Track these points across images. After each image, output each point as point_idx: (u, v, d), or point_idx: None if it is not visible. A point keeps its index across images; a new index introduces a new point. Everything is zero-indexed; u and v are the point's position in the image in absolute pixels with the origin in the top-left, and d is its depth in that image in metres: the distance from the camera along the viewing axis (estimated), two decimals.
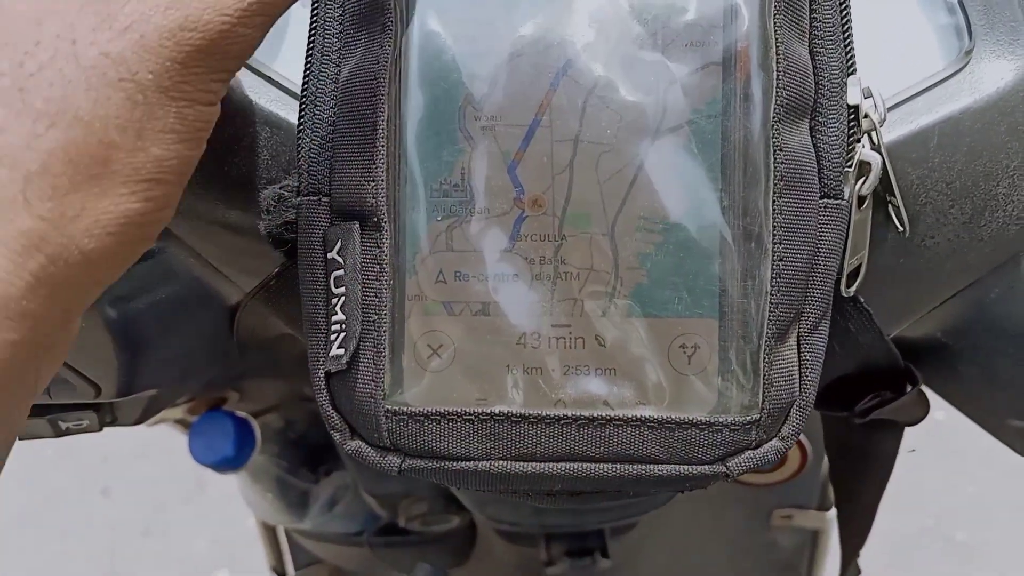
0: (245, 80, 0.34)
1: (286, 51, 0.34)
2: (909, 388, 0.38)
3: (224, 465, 0.61)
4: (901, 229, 0.32)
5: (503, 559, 0.65)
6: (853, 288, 0.32)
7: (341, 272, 0.30)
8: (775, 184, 0.29)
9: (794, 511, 0.71)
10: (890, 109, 0.32)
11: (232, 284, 0.37)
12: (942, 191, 0.32)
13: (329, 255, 0.30)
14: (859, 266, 0.32)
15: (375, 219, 0.29)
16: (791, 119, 0.29)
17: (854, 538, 0.51)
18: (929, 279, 0.34)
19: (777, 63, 0.29)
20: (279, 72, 0.34)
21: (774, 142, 0.29)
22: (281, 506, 0.69)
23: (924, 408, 0.40)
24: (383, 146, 0.29)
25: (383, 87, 0.29)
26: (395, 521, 0.67)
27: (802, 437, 0.62)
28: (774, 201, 0.29)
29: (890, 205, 0.32)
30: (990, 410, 0.40)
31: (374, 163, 0.29)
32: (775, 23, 0.29)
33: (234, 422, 0.62)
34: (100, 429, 0.41)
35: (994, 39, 0.32)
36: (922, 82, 0.32)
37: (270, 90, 0.34)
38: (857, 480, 0.46)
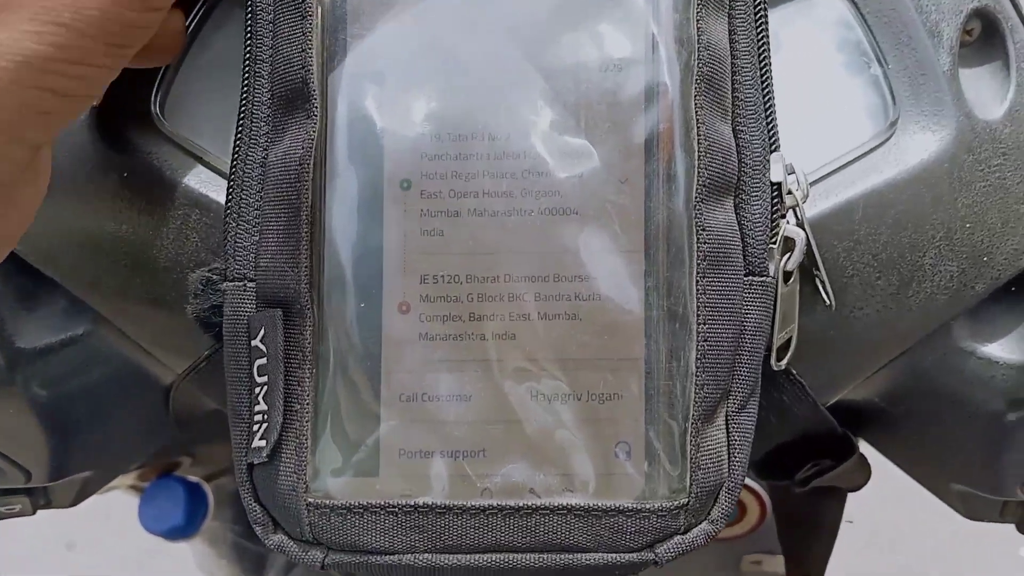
0: (175, 160, 0.33)
1: (219, 129, 0.34)
2: (847, 456, 0.38)
3: (175, 534, 0.60)
4: (828, 303, 0.31)
5: None
6: (784, 362, 0.32)
7: (264, 361, 0.29)
8: (699, 264, 0.29)
9: (763, 556, 0.71)
10: (814, 183, 0.32)
11: (163, 366, 0.37)
12: (868, 263, 0.32)
13: (253, 343, 0.30)
14: (789, 339, 0.32)
15: (298, 306, 0.29)
16: (714, 198, 0.29)
17: None
18: (860, 349, 0.34)
19: (699, 143, 0.29)
20: (210, 151, 0.34)
21: (697, 222, 0.29)
22: (236, 571, 0.68)
23: (865, 474, 0.40)
24: (307, 232, 0.29)
25: (307, 173, 0.29)
26: None
27: (760, 490, 0.62)
28: (698, 281, 0.29)
29: (816, 280, 0.32)
30: (932, 474, 0.40)
31: (298, 249, 0.29)
32: (696, 103, 0.29)
33: (185, 489, 0.61)
34: (33, 513, 0.40)
35: (918, 110, 0.33)
36: (846, 155, 0.32)
37: (200, 171, 0.33)
38: (803, 546, 0.45)
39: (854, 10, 0.34)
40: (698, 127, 0.29)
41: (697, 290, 0.29)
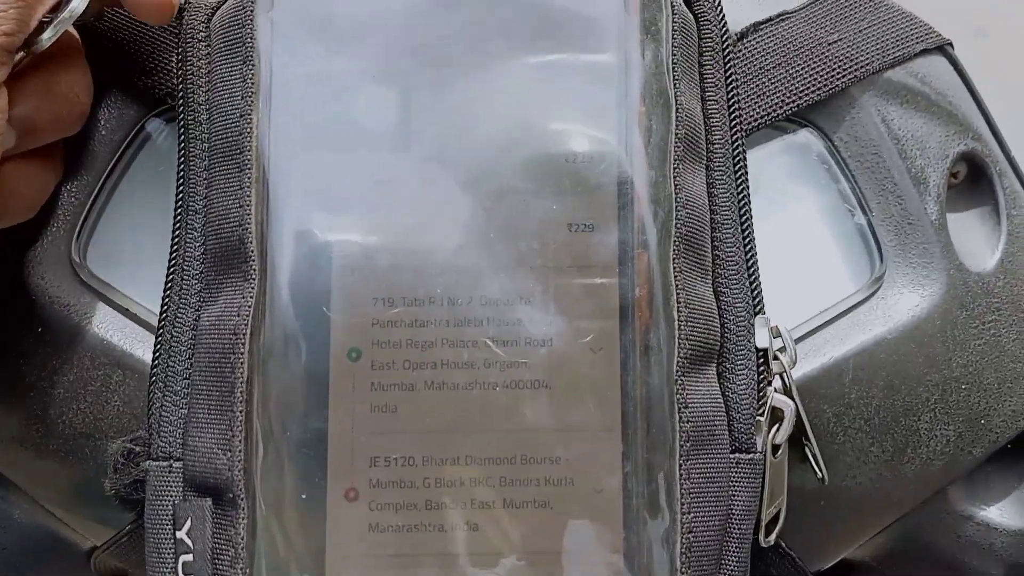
0: (96, 312, 0.30)
1: (148, 278, 0.31)
2: None
3: None
4: (820, 476, 0.29)
5: None
6: (772, 537, 0.29)
7: (190, 557, 0.26)
8: (682, 446, 0.26)
9: None
10: (800, 339, 0.30)
11: (80, 534, 0.33)
12: (861, 428, 0.30)
13: (178, 534, 0.26)
14: (778, 512, 0.29)
15: (231, 495, 0.25)
16: (696, 369, 0.26)
17: None
18: (853, 518, 0.31)
19: (679, 311, 0.26)
20: (137, 302, 0.30)
21: (679, 398, 0.26)
22: None
23: None
24: (241, 411, 0.26)
25: (242, 343, 0.26)
26: None
27: None
28: (681, 464, 0.26)
29: (806, 449, 0.29)
30: None
31: (231, 430, 0.26)
32: (676, 266, 0.26)
33: None
34: None
35: (906, 262, 0.31)
36: (832, 308, 0.30)
37: (125, 325, 0.30)
38: None
39: (834, 153, 0.32)
40: (677, 292, 0.26)
41: (680, 475, 0.26)
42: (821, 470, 0.29)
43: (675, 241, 0.26)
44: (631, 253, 0.26)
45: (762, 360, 0.28)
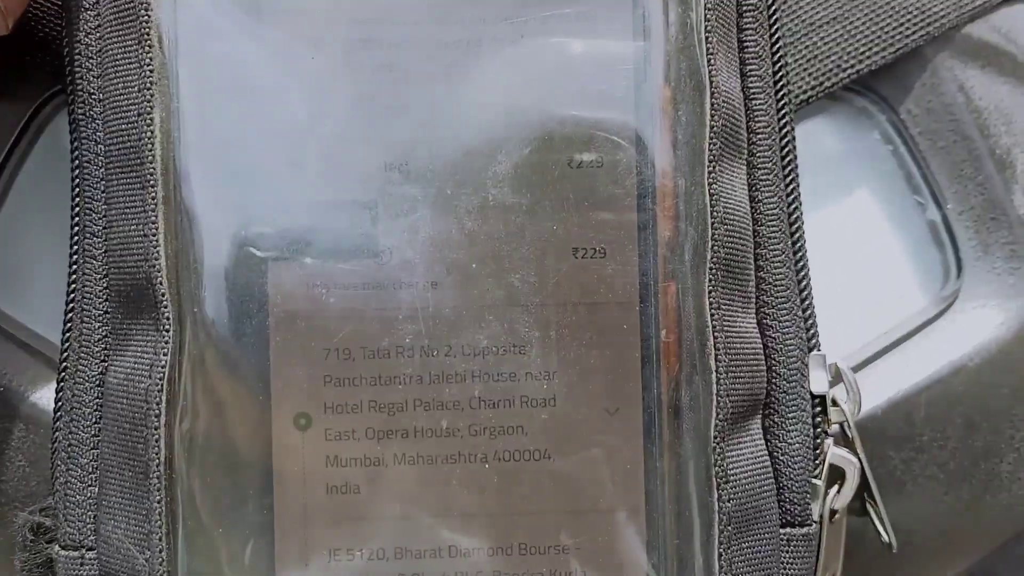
0: None
1: (54, 304, 0.25)
2: None
3: None
4: (887, 541, 0.24)
5: None
6: None
7: None
8: (722, 530, 0.20)
9: None
10: (858, 368, 0.24)
11: None
12: (934, 476, 0.25)
13: None
14: None
15: None
16: (738, 429, 0.21)
17: None
18: (915, 573, 0.26)
19: (717, 359, 0.20)
20: (43, 336, 0.25)
21: (718, 470, 0.20)
22: None
23: None
24: (159, 499, 0.20)
25: (155, 414, 0.20)
26: None
27: None
28: (721, 554, 0.20)
29: (869, 509, 0.24)
30: None
31: (148, 523, 0.20)
32: (711, 301, 0.20)
33: None
34: None
35: (989, 267, 0.25)
36: (898, 327, 0.25)
37: (28, 365, 0.24)
38: None
39: (901, 130, 0.26)
40: (715, 335, 0.20)
41: (720, 566, 0.20)
42: (888, 535, 0.24)
43: (711, 268, 0.21)
44: (655, 286, 0.20)
45: (818, 408, 0.22)
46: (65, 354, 0.22)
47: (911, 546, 0.26)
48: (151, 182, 0.20)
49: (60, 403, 0.22)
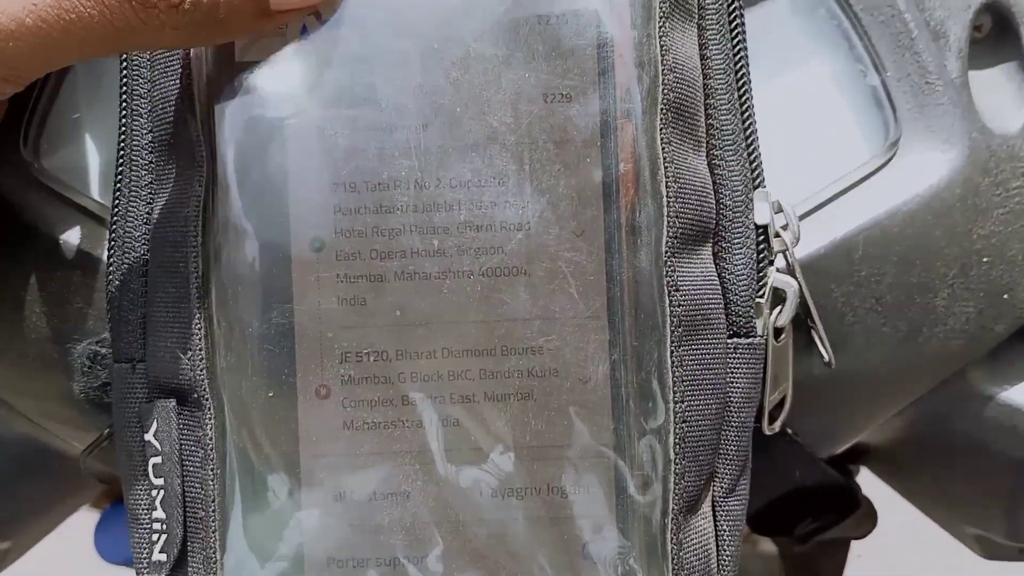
0: (51, 211, 0.28)
1: (105, 172, 0.29)
2: (852, 510, 0.33)
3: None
4: (827, 359, 0.27)
5: None
6: (777, 424, 0.27)
7: (159, 460, 0.24)
8: (673, 331, 0.24)
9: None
10: (804, 216, 0.27)
11: (64, 441, 0.32)
12: (872, 308, 0.28)
13: (146, 436, 0.25)
14: (783, 398, 0.27)
15: (195, 395, 0.24)
16: (688, 249, 0.24)
17: None
18: (864, 402, 0.29)
19: (667, 186, 0.24)
20: (94, 198, 0.29)
21: (668, 281, 0.24)
22: None
23: (872, 521, 0.36)
24: (198, 307, 0.24)
25: (193, 235, 0.24)
26: None
27: None
28: (673, 351, 0.24)
29: (812, 332, 0.27)
30: (947, 517, 0.36)
31: (189, 328, 0.24)
32: (663, 137, 0.24)
33: None
34: None
35: (924, 125, 0.28)
36: (840, 180, 0.28)
37: (82, 222, 0.28)
38: None
39: (844, 6, 0.29)
40: (666, 166, 0.24)
41: (672, 362, 0.24)
42: (828, 353, 0.27)
43: (662, 109, 0.24)
44: (614, 124, 0.24)
45: (762, 238, 0.25)
46: (117, 199, 0.26)
47: (856, 382, 0.29)
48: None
49: (113, 240, 0.26)
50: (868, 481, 0.37)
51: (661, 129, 0.24)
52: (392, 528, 0.24)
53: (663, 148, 0.24)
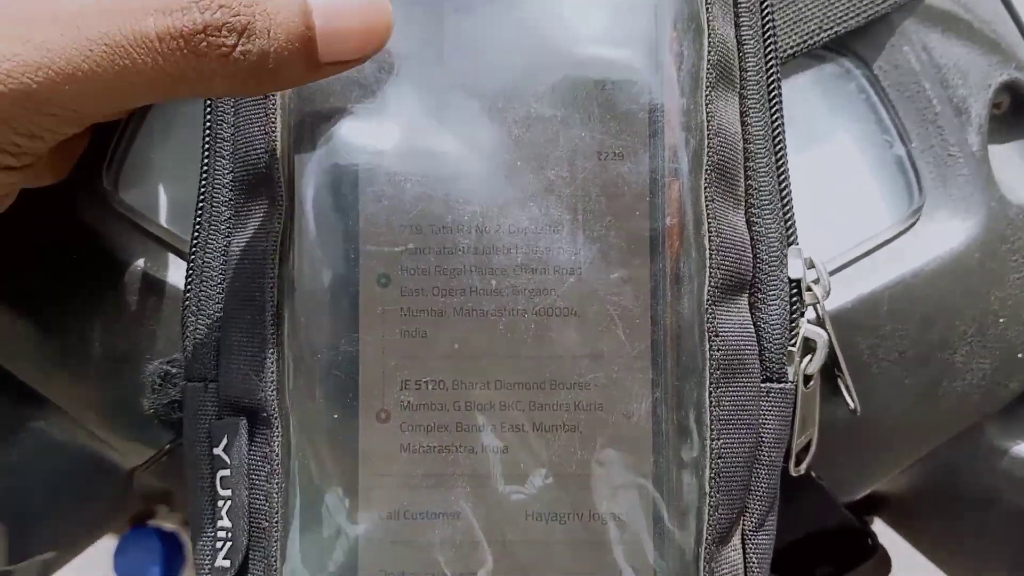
0: (129, 240, 0.31)
1: (179, 205, 0.31)
2: (868, 556, 0.35)
3: None
4: (852, 407, 0.29)
5: None
6: (803, 466, 0.29)
7: (227, 472, 0.26)
8: (712, 373, 0.26)
9: None
10: (835, 272, 0.29)
11: (121, 454, 0.34)
12: (895, 361, 0.29)
13: (215, 451, 0.27)
14: (809, 442, 0.29)
15: (265, 414, 0.26)
16: (727, 299, 0.26)
17: None
18: (885, 450, 0.31)
19: (710, 240, 0.26)
20: (170, 229, 0.31)
21: (709, 327, 0.26)
22: None
23: (886, 568, 0.37)
24: (272, 334, 0.26)
25: (272, 268, 0.26)
26: None
27: None
28: (711, 392, 0.26)
29: (839, 380, 0.29)
30: (956, 565, 0.37)
31: (263, 352, 0.26)
32: (707, 195, 0.26)
33: (160, 539, 0.57)
34: None
35: (946, 194, 0.30)
36: (868, 241, 0.30)
37: (157, 252, 0.31)
38: None
39: (874, 83, 0.31)
40: (708, 222, 0.26)
41: (710, 402, 0.26)
42: (853, 401, 0.29)
43: (707, 170, 0.26)
44: (662, 182, 0.26)
45: (795, 291, 0.27)
46: (197, 232, 0.28)
47: (877, 430, 0.30)
48: (273, 92, 0.26)
49: (192, 270, 0.28)
50: (880, 531, 0.39)
51: (705, 188, 0.26)
52: (443, 546, 0.26)
53: (707, 205, 0.26)
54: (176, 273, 0.30)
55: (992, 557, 0.35)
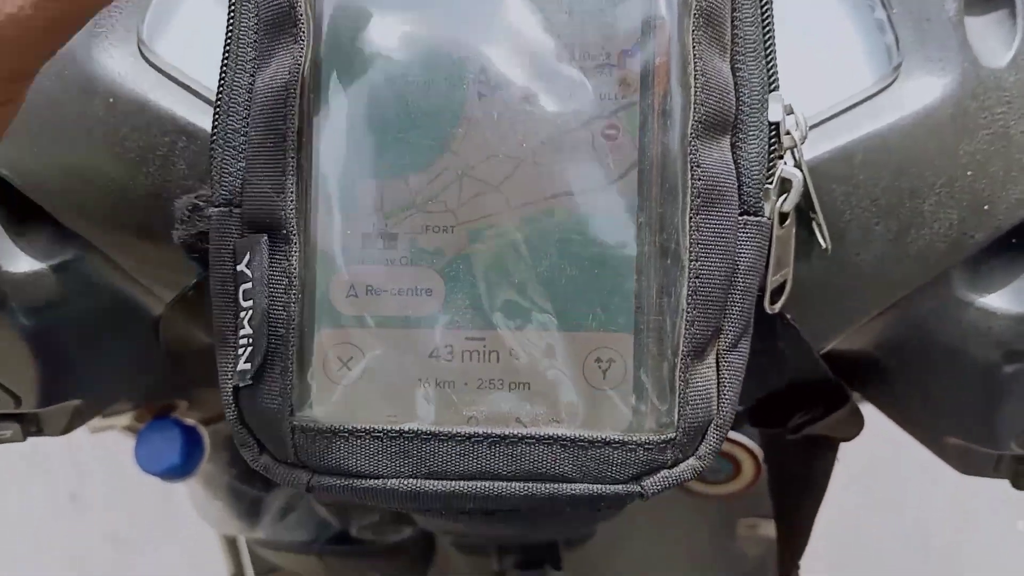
0: (160, 89, 0.33)
1: (204, 57, 0.34)
2: (840, 405, 0.37)
3: (171, 474, 0.60)
4: (824, 246, 0.31)
5: (459, 570, 0.65)
6: (778, 305, 0.31)
7: (249, 285, 0.29)
8: (692, 201, 0.28)
9: (759, 520, 0.71)
10: (815, 126, 0.32)
11: (152, 295, 0.37)
12: (867, 208, 0.32)
13: (238, 267, 0.29)
14: (784, 283, 0.31)
15: (284, 232, 0.29)
16: (710, 135, 0.28)
17: (792, 552, 0.50)
18: (856, 295, 0.33)
19: (695, 79, 0.28)
20: (196, 79, 0.33)
21: (691, 159, 0.28)
22: (233, 514, 0.68)
23: (858, 424, 0.40)
24: (293, 159, 0.28)
25: (293, 99, 0.28)
26: (347, 530, 0.67)
27: (754, 447, 0.61)
28: (691, 218, 0.28)
29: (813, 222, 0.31)
30: (926, 427, 0.40)
31: (284, 175, 0.29)
32: (694, 38, 0.28)
33: (181, 430, 0.61)
34: (24, 439, 0.40)
35: (923, 55, 0.32)
36: (848, 99, 0.32)
37: (187, 98, 0.33)
38: (794, 495, 0.45)
39: None
40: (695, 63, 0.28)
41: (690, 226, 0.28)
42: (826, 239, 0.31)
43: (695, 15, 0.28)
44: (653, 24, 0.28)
45: (774, 134, 0.30)
46: (224, 72, 0.30)
47: (849, 273, 0.33)
48: None
49: (219, 106, 0.30)
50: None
51: (693, 31, 0.28)
52: (443, 353, 0.29)
53: (694, 47, 0.28)
54: (204, 118, 0.33)
55: (962, 410, 0.37)
